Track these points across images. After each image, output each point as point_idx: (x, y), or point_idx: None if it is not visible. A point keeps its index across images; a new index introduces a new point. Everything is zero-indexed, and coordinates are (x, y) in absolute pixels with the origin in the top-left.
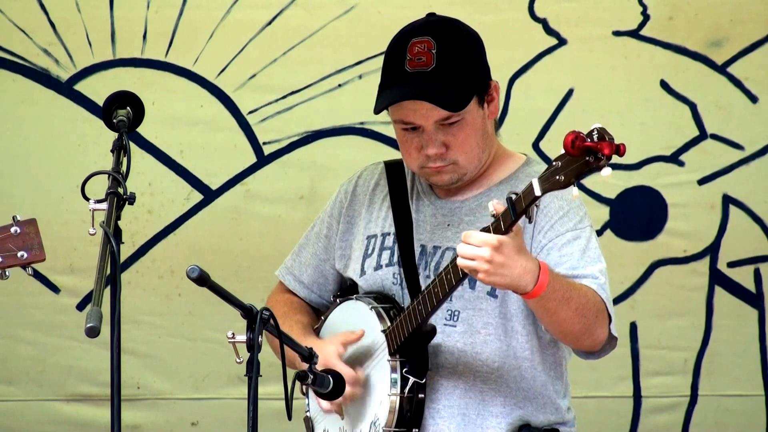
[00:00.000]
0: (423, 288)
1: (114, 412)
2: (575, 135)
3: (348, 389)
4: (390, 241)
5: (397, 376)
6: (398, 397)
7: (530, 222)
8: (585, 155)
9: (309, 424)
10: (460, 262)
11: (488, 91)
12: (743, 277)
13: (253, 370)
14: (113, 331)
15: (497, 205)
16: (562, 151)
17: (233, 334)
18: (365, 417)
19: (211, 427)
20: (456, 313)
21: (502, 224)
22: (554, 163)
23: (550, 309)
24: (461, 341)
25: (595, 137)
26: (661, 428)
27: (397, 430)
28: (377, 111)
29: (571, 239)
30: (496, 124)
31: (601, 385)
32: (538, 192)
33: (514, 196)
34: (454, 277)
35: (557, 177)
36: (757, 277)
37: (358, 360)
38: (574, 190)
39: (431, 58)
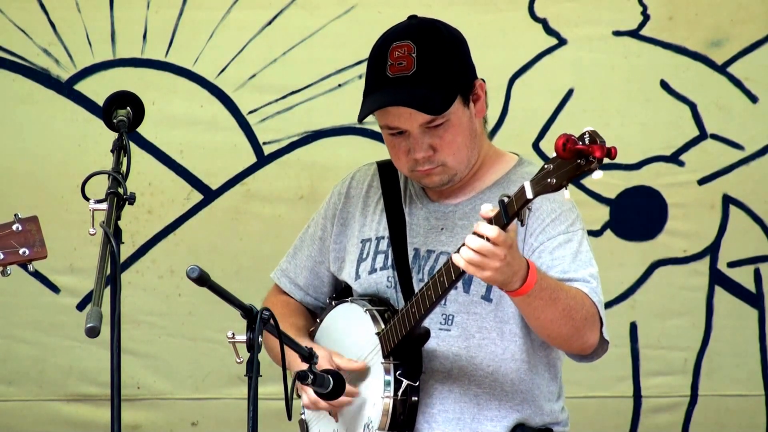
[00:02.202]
0: (416, 291)
1: (114, 412)
2: (566, 138)
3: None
4: (384, 244)
5: (390, 378)
6: (391, 400)
7: (522, 225)
8: (576, 158)
9: (304, 426)
10: (469, 255)
11: (473, 91)
12: (743, 277)
13: (253, 370)
14: (113, 331)
15: (488, 211)
16: (554, 154)
17: (233, 334)
18: (359, 419)
19: (211, 427)
20: (450, 317)
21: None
22: (546, 166)
23: (537, 308)
24: (456, 345)
25: (586, 140)
26: (661, 428)
27: None
28: (360, 119)
29: (563, 242)
30: (485, 123)
31: (601, 385)
32: (530, 195)
33: (506, 199)
34: (447, 279)
35: (549, 180)
36: (757, 277)
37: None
38: (566, 192)
39: (411, 62)
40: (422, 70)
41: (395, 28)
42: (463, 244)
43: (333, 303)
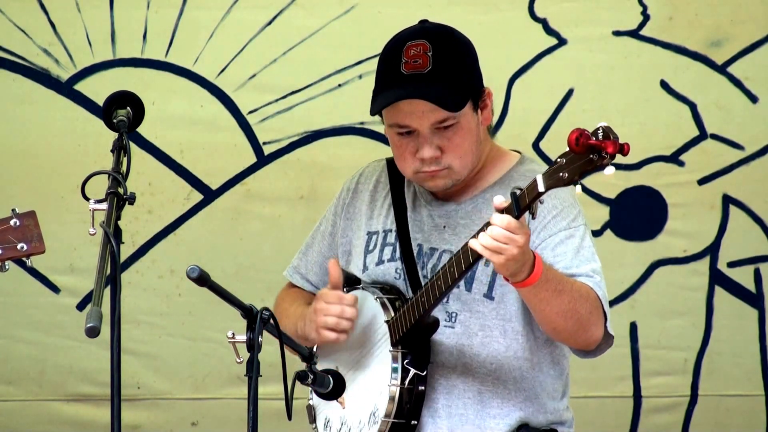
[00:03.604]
0: (424, 282)
1: (114, 412)
2: (580, 132)
3: (338, 308)
4: (392, 237)
5: (398, 366)
6: (398, 388)
7: (533, 218)
8: (589, 153)
9: (311, 412)
10: (488, 242)
11: (482, 98)
12: (743, 277)
13: (253, 370)
14: (113, 331)
15: (501, 203)
16: (567, 149)
17: (233, 334)
18: (365, 406)
19: (211, 427)
20: (454, 314)
21: None
22: (558, 160)
23: (543, 299)
24: (459, 343)
25: (600, 135)
26: (661, 428)
27: (395, 420)
28: (374, 112)
29: (564, 238)
30: (490, 131)
31: (601, 385)
32: (541, 188)
33: (518, 192)
34: (457, 269)
35: (561, 174)
36: (757, 277)
37: (360, 349)
38: (577, 187)
39: (427, 60)
40: (438, 69)
41: (408, 30)
42: (480, 232)
43: (345, 290)
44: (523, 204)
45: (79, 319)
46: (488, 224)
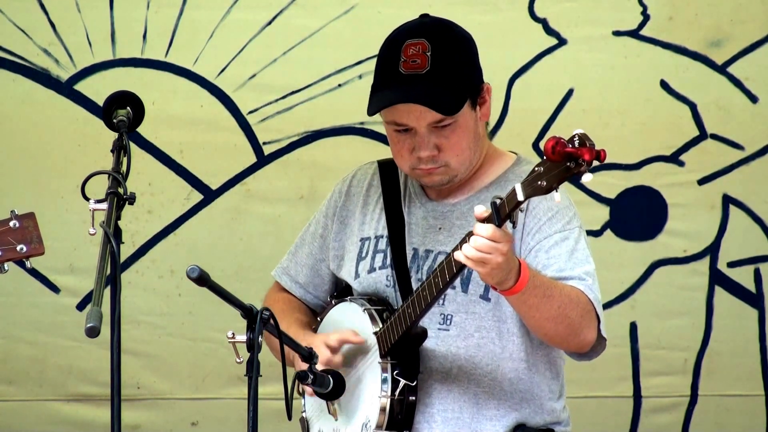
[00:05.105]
0: (416, 288)
1: (114, 412)
2: (555, 141)
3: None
4: (383, 243)
5: (387, 377)
6: (388, 399)
7: (514, 227)
8: (566, 161)
9: (304, 424)
10: (472, 253)
11: (481, 94)
12: (743, 277)
13: (253, 370)
14: (113, 331)
15: (482, 212)
16: (545, 157)
17: (233, 334)
18: (357, 418)
19: (211, 427)
20: (449, 316)
21: None
22: (536, 169)
23: (532, 306)
24: (455, 345)
25: (576, 143)
26: (661, 428)
27: (387, 431)
28: (371, 113)
29: (559, 241)
30: (488, 126)
31: (600, 385)
32: (520, 197)
33: (498, 201)
34: (441, 280)
35: (539, 182)
36: (757, 277)
37: (350, 362)
38: (556, 195)
39: (426, 61)
40: (436, 70)
41: (408, 26)
42: (462, 242)
43: (333, 302)
44: (503, 213)
45: (79, 319)
46: (471, 234)
